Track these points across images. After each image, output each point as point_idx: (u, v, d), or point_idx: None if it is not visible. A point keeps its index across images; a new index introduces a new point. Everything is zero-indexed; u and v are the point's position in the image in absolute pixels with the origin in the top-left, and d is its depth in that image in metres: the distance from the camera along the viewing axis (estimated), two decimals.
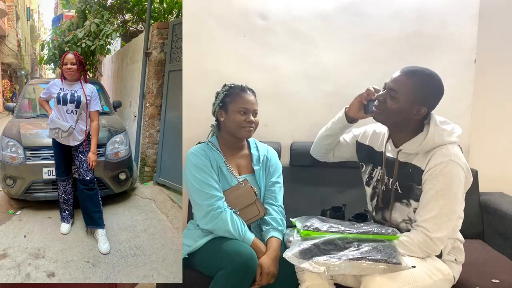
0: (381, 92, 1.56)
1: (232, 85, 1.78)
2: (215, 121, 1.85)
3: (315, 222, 1.54)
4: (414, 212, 1.54)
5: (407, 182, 1.56)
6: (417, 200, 1.53)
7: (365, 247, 1.41)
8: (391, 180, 1.61)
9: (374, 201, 1.69)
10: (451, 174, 1.46)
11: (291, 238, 1.60)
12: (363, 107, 1.64)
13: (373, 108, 1.59)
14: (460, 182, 1.48)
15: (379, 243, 1.44)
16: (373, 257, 1.38)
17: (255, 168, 1.81)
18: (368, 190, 1.73)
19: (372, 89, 1.61)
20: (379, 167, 1.67)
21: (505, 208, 2.07)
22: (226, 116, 1.76)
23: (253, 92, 1.80)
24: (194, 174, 1.70)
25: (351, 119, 1.69)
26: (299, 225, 1.57)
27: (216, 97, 1.81)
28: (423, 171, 1.51)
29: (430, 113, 1.57)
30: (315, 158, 2.05)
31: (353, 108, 1.66)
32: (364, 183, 1.75)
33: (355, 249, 1.41)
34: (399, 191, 1.58)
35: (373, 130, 1.75)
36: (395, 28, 2.42)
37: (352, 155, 1.82)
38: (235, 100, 1.75)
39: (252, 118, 1.74)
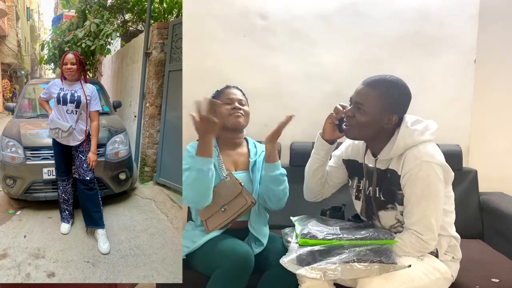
0: (348, 108, 1.55)
1: (219, 89, 1.87)
2: None
3: (313, 228, 1.53)
4: (402, 213, 1.54)
5: (388, 187, 1.55)
6: (402, 204, 1.52)
7: (360, 249, 1.41)
8: (373, 189, 1.59)
9: (364, 214, 1.67)
10: (427, 175, 1.45)
11: (289, 239, 1.61)
12: (336, 127, 1.63)
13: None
14: (439, 180, 1.46)
15: (374, 246, 1.44)
16: (367, 258, 1.38)
17: (251, 160, 1.82)
18: (358, 204, 1.69)
19: (340, 107, 1.60)
20: (364, 178, 1.65)
21: (505, 208, 2.07)
22: (217, 115, 1.77)
23: (238, 89, 1.87)
24: (185, 158, 1.74)
25: (330, 141, 1.67)
26: (298, 228, 1.57)
27: None
28: (399, 176, 1.50)
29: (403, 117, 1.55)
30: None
31: (327, 131, 1.64)
32: (354, 197, 1.72)
33: (350, 252, 1.41)
34: (382, 198, 1.56)
35: (352, 143, 1.74)
36: (395, 28, 2.42)
37: (345, 176, 1.78)
38: (220, 97, 1.81)
39: (237, 104, 1.79)
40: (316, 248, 1.45)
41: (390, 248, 1.44)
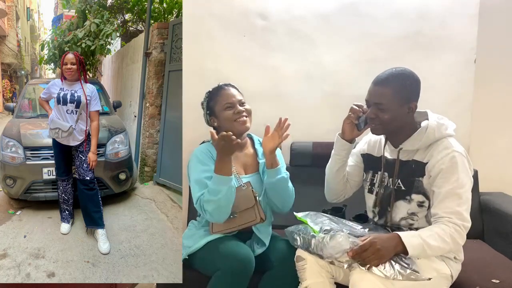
0: (369, 111, 1.58)
1: (210, 89, 1.79)
2: (213, 128, 1.80)
3: (334, 226, 1.52)
4: (418, 205, 1.56)
5: (410, 178, 1.58)
6: (419, 192, 1.55)
7: None
8: (391, 180, 1.62)
9: (377, 206, 1.69)
10: (462, 164, 1.50)
11: (297, 237, 1.59)
12: (355, 126, 1.67)
13: (365, 123, 1.62)
14: (467, 170, 1.52)
15: None
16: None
17: (260, 161, 1.80)
18: (371, 197, 1.71)
19: (356, 107, 1.64)
20: (379, 172, 1.67)
21: (505, 208, 2.07)
22: (217, 119, 1.75)
23: (232, 86, 1.79)
24: (195, 168, 1.70)
25: (350, 140, 1.71)
26: (314, 226, 1.54)
27: (202, 107, 1.81)
28: (425, 163, 1.54)
29: (425, 112, 1.62)
30: (316, 159, 2.06)
31: (347, 131, 1.68)
32: (366, 191, 1.74)
33: None
34: (403, 188, 1.59)
35: (369, 139, 1.78)
36: (395, 28, 2.42)
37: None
38: (217, 100, 1.74)
39: (240, 108, 1.72)
40: None
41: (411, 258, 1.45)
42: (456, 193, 1.48)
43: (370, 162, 1.73)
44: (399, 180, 1.60)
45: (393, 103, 1.52)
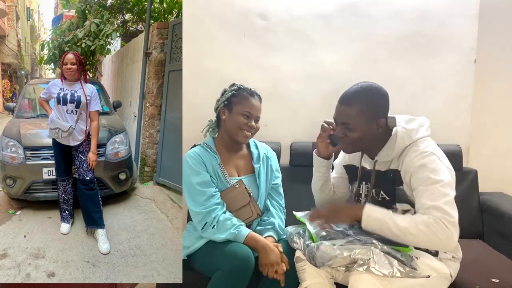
0: (337, 130, 1.58)
1: (241, 87, 1.77)
2: (216, 117, 1.83)
3: (330, 231, 1.53)
4: (403, 213, 1.54)
5: (391, 187, 1.57)
6: (402, 201, 1.54)
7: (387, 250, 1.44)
8: (374, 190, 1.62)
9: None
10: (430, 161, 1.45)
11: (296, 239, 1.60)
12: (329, 143, 1.67)
13: (338, 139, 1.61)
14: (439, 167, 1.45)
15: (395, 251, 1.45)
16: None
17: (255, 166, 1.80)
18: None
19: (326, 125, 1.65)
20: (363, 182, 1.68)
21: (505, 208, 2.07)
22: (229, 115, 1.75)
23: (260, 98, 1.78)
24: (186, 176, 1.72)
25: (327, 157, 1.72)
26: (312, 230, 1.56)
27: (223, 94, 1.79)
28: (399, 171, 1.53)
29: (393, 117, 1.58)
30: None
31: (322, 149, 1.69)
32: (354, 202, 1.73)
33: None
34: (387, 198, 1.58)
35: None
36: (395, 28, 2.42)
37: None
38: (241, 102, 1.73)
39: (253, 123, 1.74)
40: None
41: (411, 256, 1.45)
42: (427, 189, 1.42)
43: (354, 173, 1.73)
44: (381, 191, 1.59)
45: (360, 122, 1.51)
